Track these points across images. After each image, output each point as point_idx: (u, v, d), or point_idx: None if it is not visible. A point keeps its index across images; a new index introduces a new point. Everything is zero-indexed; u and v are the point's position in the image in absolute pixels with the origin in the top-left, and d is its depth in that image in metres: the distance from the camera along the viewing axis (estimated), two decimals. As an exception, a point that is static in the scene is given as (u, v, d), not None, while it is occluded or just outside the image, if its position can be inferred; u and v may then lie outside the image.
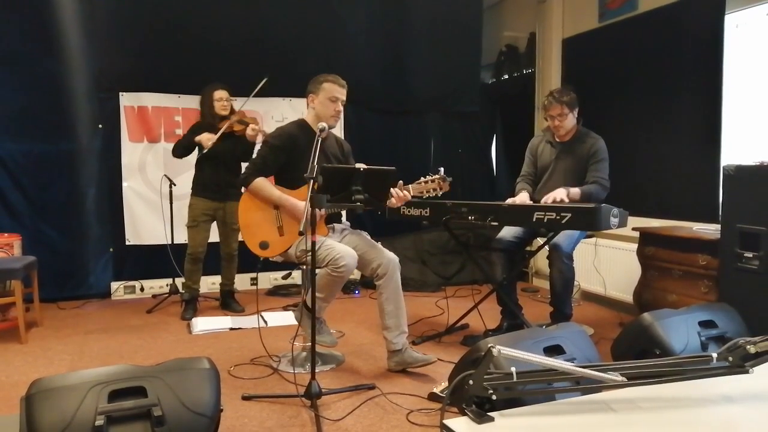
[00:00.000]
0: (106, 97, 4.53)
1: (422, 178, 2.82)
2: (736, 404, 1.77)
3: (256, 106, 4.83)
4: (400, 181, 2.79)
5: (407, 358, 2.84)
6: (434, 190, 2.78)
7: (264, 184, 2.87)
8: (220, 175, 4.02)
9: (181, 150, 4.05)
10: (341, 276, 2.70)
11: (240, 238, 3.41)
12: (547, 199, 3.21)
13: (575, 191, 3.28)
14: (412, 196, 2.82)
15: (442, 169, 2.80)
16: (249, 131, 3.88)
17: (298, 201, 2.80)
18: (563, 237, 3.31)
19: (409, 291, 4.65)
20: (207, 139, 3.89)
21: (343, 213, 3.16)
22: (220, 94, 4.00)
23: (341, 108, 2.95)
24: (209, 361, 1.90)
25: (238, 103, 4.14)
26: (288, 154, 2.89)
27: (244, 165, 4.25)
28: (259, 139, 3.91)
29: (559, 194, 3.21)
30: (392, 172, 2.65)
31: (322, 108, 2.91)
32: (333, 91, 2.89)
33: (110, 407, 1.67)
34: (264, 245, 2.83)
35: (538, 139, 3.72)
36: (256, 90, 4.02)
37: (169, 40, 4.53)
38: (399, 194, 2.76)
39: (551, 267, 3.35)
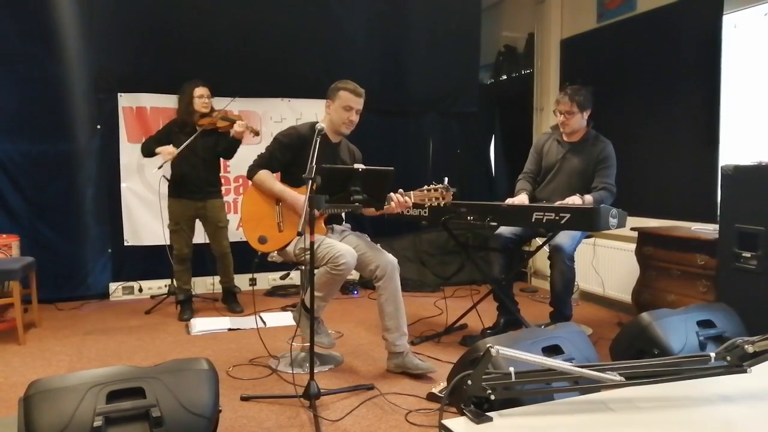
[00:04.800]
0: (104, 98, 4.53)
1: (425, 187, 2.80)
2: (735, 404, 1.77)
3: (255, 106, 4.84)
4: (401, 190, 2.79)
5: (408, 363, 2.84)
6: (437, 199, 2.76)
7: (267, 176, 2.89)
8: (199, 174, 3.95)
9: (146, 152, 3.97)
10: (341, 274, 2.70)
11: (236, 237, 3.39)
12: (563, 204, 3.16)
13: (589, 199, 3.26)
14: (414, 204, 2.82)
15: (446, 179, 2.77)
16: (236, 127, 3.80)
17: (299, 195, 2.81)
18: (565, 238, 3.29)
19: (407, 291, 4.64)
20: (168, 153, 3.81)
21: (343, 214, 3.16)
22: (201, 90, 3.93)
23: (355, 118, 2.95)
24: (208, 362, 1.90)
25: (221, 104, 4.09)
26: (295, 152, 2.90)
27: (224, 162, 4.25)
28: (248, 135, 3.89)
29: (574, 201, 3.18)
30: (390, 173, 2.65)
31: (336, 115, 2.93)
32: (348, 100, 2.90)
33: (108, 408, 1.67)
34: (263, 240, 2.85)
35: (545, 137, 3.67)
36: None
37: (167, 41, 4.53)
38: (400, 200, 2.75)
39: (553, 268, 3.34)
